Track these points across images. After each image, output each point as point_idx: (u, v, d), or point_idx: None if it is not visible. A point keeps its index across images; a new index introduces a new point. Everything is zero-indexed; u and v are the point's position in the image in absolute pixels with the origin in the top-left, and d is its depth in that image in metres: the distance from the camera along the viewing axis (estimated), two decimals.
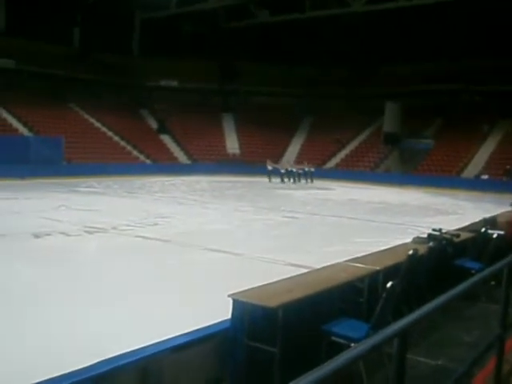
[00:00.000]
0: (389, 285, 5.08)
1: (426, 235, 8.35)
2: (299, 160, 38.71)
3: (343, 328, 5.27)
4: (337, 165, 40.51)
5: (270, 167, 35.13)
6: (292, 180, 34.78)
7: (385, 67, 42.23)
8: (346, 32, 41.94)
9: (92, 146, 34.95)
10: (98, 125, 38.84)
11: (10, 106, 35.31)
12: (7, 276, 9.54)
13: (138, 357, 4.20)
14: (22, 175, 27.76)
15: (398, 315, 3.28)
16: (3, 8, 37.56)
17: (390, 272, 6.33)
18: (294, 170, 35.42)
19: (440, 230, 8.57)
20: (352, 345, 4.84)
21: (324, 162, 40.76)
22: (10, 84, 36.38)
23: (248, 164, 39.47)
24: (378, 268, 6.46)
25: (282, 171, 34.90)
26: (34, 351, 6.19)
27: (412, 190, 32.10)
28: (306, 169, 35.36)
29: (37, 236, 13.22)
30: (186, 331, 4.77)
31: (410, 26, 39.49)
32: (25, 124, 34.83)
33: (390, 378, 2.66)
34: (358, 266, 6.51)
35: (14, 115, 35.08)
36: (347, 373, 4.13)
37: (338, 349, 4.77)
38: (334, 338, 5.20)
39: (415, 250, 6.58)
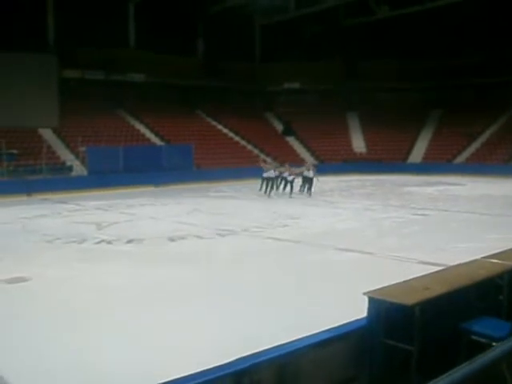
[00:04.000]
0: None
1: None
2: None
3: (484, 326, 5.12)
4: (467, 159, 38.90)
5: (270, 173, 25.13)
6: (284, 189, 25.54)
7: None
8: (466, 19, 40.24)
9: (220, 152, 35.80)
10: (225, 131, 39.87)
11: (143, 117, 37.17)
12: (144, 278, 10.01)
13: (276, 354, 4.30)
14: (155, 182, 29.04)
15: None
16: (133, 25, 39.57)
17: None
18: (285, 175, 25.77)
19: None
20: (494, 344, 4.70)
21: (454, 157, 39.30)
22: (141, 96, 38.34)
23: (375, 162, 38.95)
24: None
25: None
26: (172, 349, 6.49)
27: None
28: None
29: (172, 239, 13.82)
30: (322, 329, 4.82)
31: None
32: (156, 134, 36.44)
33: None
34: (496, 262, 6.29)
35: (147, 126, 36.84)
36: (489, 375, 4.00)
37: (478, 348, 4.64)
38: (473, 337, 5.06)
39: None
